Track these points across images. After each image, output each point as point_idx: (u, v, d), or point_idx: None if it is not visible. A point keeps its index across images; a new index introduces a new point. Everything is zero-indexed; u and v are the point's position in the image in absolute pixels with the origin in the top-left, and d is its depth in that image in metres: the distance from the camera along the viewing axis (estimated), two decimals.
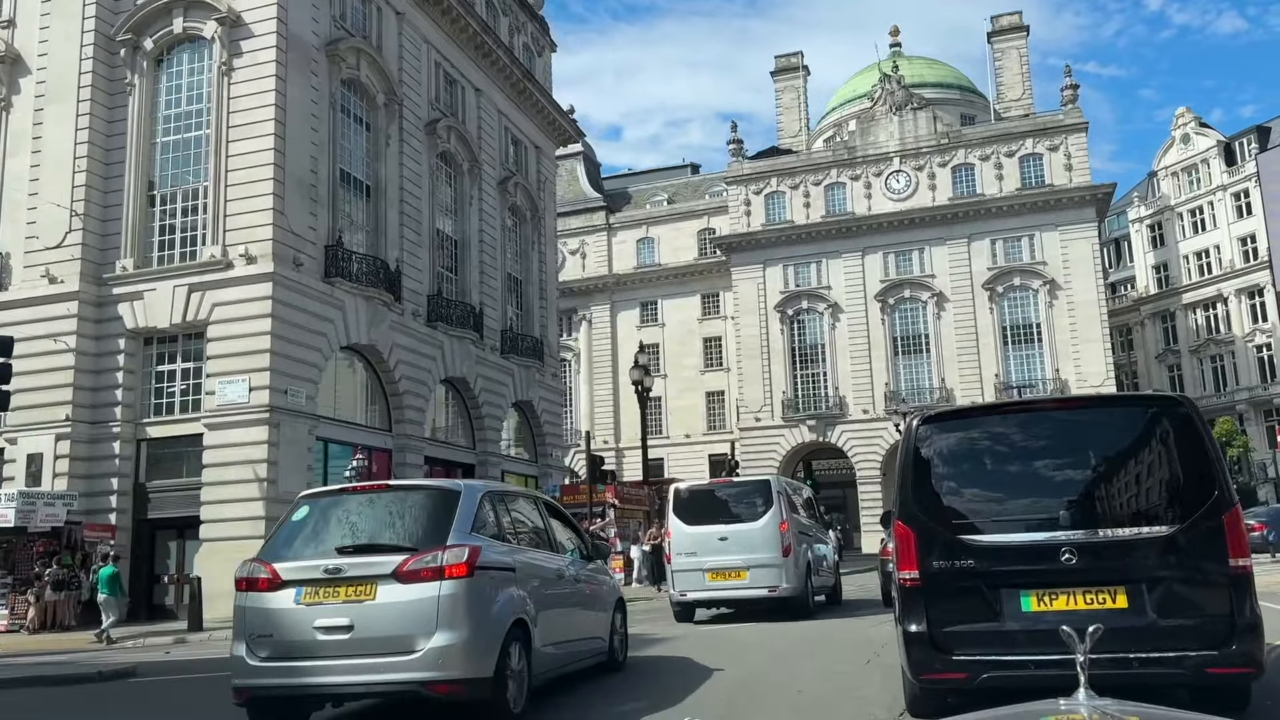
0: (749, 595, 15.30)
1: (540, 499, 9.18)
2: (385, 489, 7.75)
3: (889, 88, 54.23)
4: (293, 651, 6.37)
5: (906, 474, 6.00)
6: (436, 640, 6.15)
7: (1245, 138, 57.96)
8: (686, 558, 15.34)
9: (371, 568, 6.37)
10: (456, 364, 29.81)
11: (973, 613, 5.61)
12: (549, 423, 36.65)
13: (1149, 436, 5.81)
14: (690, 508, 15.82)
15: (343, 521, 6.95)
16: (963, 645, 5.59)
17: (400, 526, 6.88)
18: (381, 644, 6.20)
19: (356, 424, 25.85)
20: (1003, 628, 5.53)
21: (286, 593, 6.42)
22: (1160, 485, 5.70)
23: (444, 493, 7.04)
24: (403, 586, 6.26)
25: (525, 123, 36.68)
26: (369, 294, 25.33)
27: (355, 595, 6.29)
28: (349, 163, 26.39)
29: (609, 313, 61.91)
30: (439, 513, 6.76)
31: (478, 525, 6.82)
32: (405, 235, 27.83)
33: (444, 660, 6.15)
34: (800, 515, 16.34)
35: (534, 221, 36.77)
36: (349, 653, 6.23)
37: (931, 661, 5.65)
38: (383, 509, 7.12)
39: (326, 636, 6.26)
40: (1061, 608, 5.43)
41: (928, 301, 51.79)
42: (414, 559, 6.32)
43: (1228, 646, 5.19)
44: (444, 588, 6.23)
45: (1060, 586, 5.47)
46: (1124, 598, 5.38)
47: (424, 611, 6.20)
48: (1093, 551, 5.43)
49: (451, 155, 31.24)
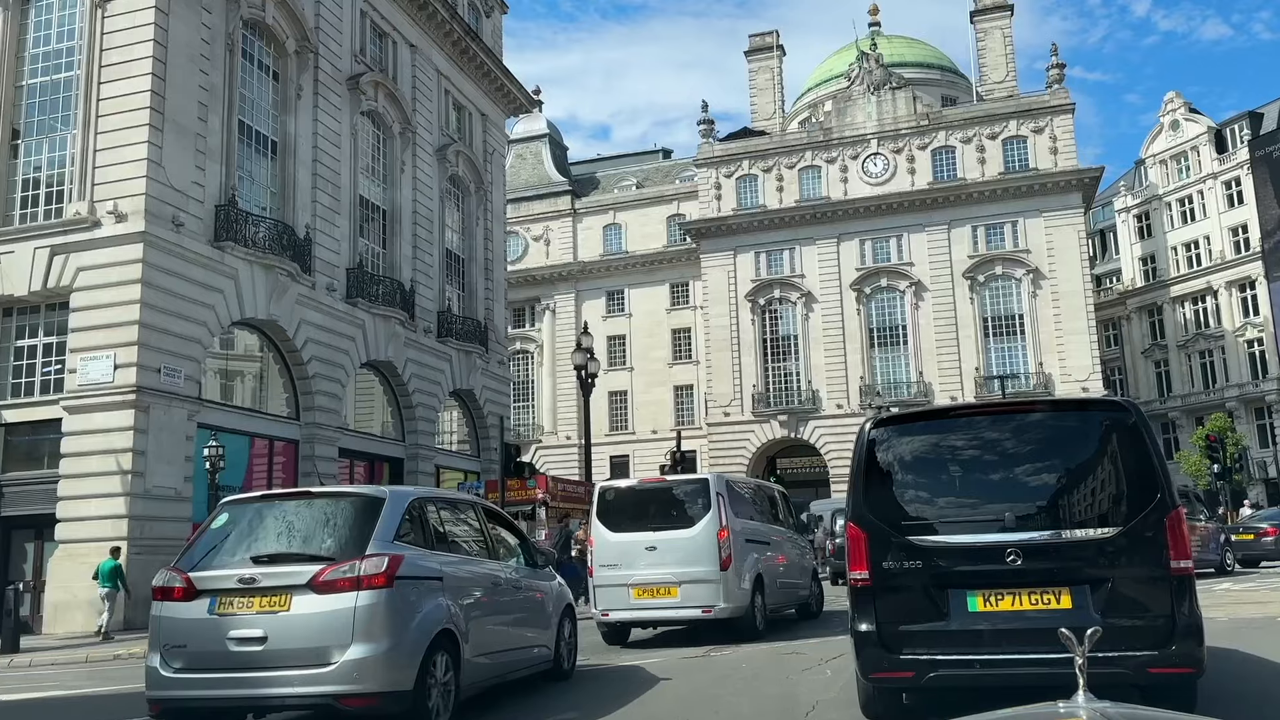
0: (679, 615, 12.99)
1: (480, 504, 8.82)
2: (309, 496, 7.48)
3: (867, 66, 51.57)
4: (206, 663, 6.30)
5: (858, 476, 6.09)
6: (352, 652, 6.08)
7: (1237, 123, 55.62)
8: (610, 570, 12.94)
9: (286, 578, 6.28)
10: (381, 346, 26.79)
11: (920, 612, 5.69)
12: (494, 414, 33.64)
13: (1095, 440, 5.94)
14: (616, 511, 13.39)
15: (263, 529, 6.87)
16: (910, 644, 5.66)
17: (320, 535, 6.75)
18: (296, 656, 6.14)
19: (253, 410, 22.80)
20: (949, 627, 5.61)
21: (200, 603, 6.36)
22: (1105, 488, 5.83)
23: (368, 500, 6.89)
24: (318, 597, 6.19)
25: (470, 87, 33.67)
26: (268, 262, 22.28)
27: (269, 606, 6.23)
28: (251, 115, 23.34)
29: (574, 302, 59.05)
30: (361, 521, 6.64)
31: (403, 533, 6.71)
32: (319, 199, 24.78)
33: (359, 673, 6.08)
34: (754, 519, 13.98)
35: (479, 195, 33.77)
36: (263, 665, 6.16)
37: (880, 660, 5.71)
38: (305, 517, 6.97)
39: (240, 648, 6.19)
40: (1007, 608, 5.53)
41: (905, 291, 49.20)
42: (330, 569, 6.24)
43: (1168, 647, 5.31)
44: (361, 598, 6.16)
45: (1006, 587, 5.56)
46: (1068, 598, 5.48)
47: (340, 623, 6.12)
48: (1038, 553, 5.53)
49: (379, 115, 28.21)
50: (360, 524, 6.61)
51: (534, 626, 8.42)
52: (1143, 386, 57.98)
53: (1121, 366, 59.10)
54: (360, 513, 6.73)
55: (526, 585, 8.41)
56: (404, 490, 7.61)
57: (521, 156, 65.09)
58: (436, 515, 7.40)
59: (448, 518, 7.72)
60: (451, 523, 7.79)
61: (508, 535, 8.79)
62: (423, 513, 7.15)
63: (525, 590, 8.36)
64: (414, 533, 6.88)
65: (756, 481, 19.48)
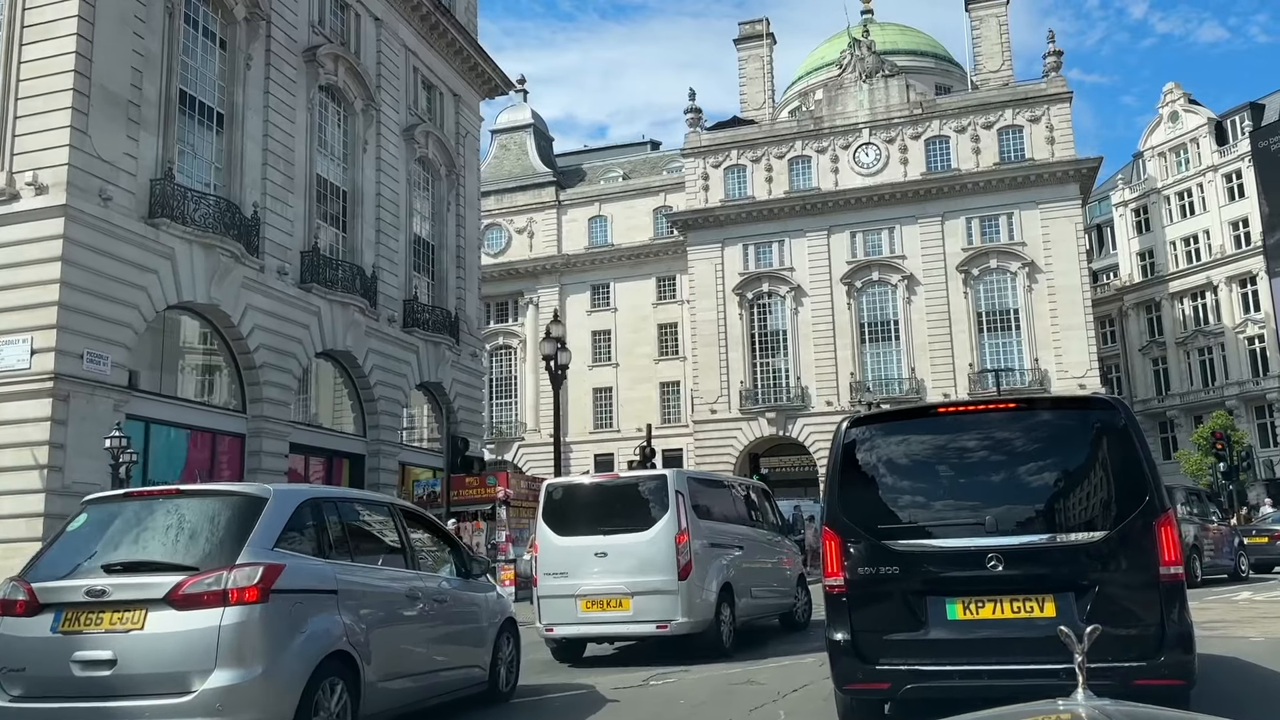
0: (631, 631, 11.54)
1: (398, 505, 7.86)
2: (179, 494, 6.61)
3: (859, 54, 50.09)
4: (47, 690, 5.49)
5: (834, 478, 5.89)
6: (216, 679, 5.27)
7: (1238, 115, 54.24)
8: (556, 579, 11.51)
9: (141, 590, 5.48)
10: (339, 335, 25.16)
11: (897, 621, 5.48)
12: (465, 409, 32.03)
13: (1081, 440, 5.69)
14: (563, 512, 11.95)
15: (124, 533, 6.04)
16: (886, 654, 5.46)
17: (187, 541, 5.91)
18: (150, 683, 5.31)
19: (193, 402, 21.14)
20: (927, 636, 5.39)
21: (44, 618, 5.55)
22: (1091, 490, 5.61)
23: (247, 500, 6.08)
24: (177, 614, 5.38)
25: (440, 65, 32.05)
26: (209, 241, 20.64)
27: (120, 623, 5.42)
28: (194, 84, 21.69)
29: (557, 296, 57.42)
30: (236, 524, 5.84)
31: (289, 538, 5.94)
32: (269, 177, 23.13)
33: (224, 703, 5.25)
34: (725, 520, 12.52)
35: (451, 179, 32.14)
36: (111, 693, 5.32)
37: (855, 671, 5.52)
38: (174, 519, 6.08)
39: (85, 672, 5.36)
40: (988, 616, 5.32)
41: (897, 285, 47.73)
42: (192, 580, 5.45)
43: (1156, 657, 5.06)
44: (228, 615, 5.37)
45: (987, 594, 5.33)
46: (1052, 606, 5.23)
47: (202, 644, 5.31)
48: (1020, 558, 5.31)
49: (340, 91, 26.57)
50: (235, 528, 5.84)
51: (463, 643, 7.61)
52: (1140, 385, 56.58)
53: (1119, 364, 57.68)
54: (237, 515, 5.95)
55: (454, 597, 7.56)
56: (294, 489, 6.88)
57: (505, 147, 63.49)
58: (337, 518, 6.63)
59: (352, 521, 6.93)
60: (357, 527, 7.00)
61: (433, 541, 8.02)
62: (317, 515, 6.38)
63: (453, 603, 7.52)
64: (304, 539, 6.15)
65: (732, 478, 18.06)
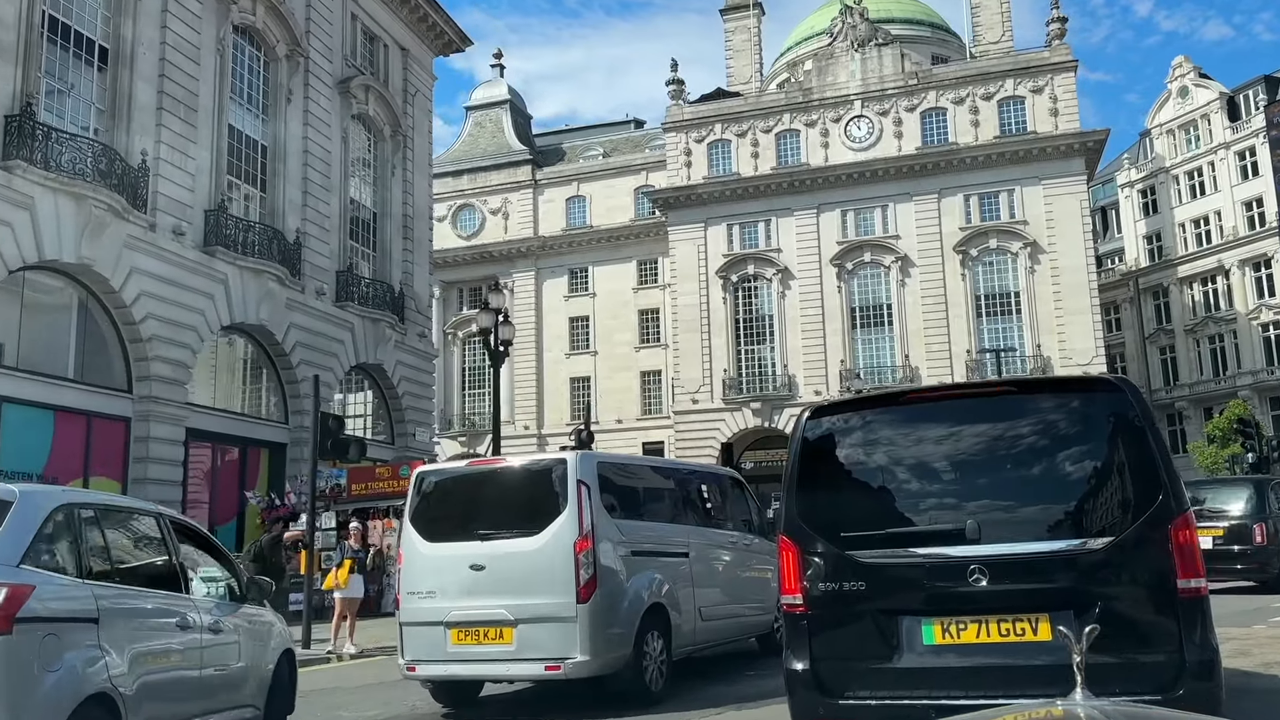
0: (513, 672, 8.66)
1: (165, 516, 6.50)
2: None
3: (850, 21, 47.08)
4: None
5: (791, 478, 5.02)
6: None
7: (1251, 89, 51.26)
8: (422, 600, 8.61)
9: None
10: (250, 307, 22.17)
11: (864, 647, 4.69)
12: (411, 394, 29.11)
13: (1081, 429, 4.76)
14: (435, 510, 9.03)
15: None
16: (852, 686, 4.68)
17: None
18: None
19: (62, 379, 18.13)
20: (899, 665, 4.62)
21: None
22: (1093, 488, 4.71)
23: None
24: None
25: (386, 15, 29.04)
26: (79, 191, 17.64)
27: None
28: (68, 12, 18.71)
29: (533, 280, 54.52)
30: None
31: (37, 554, 5.00)
32: (165, 123, 20.13)
33: None
34: (660, 519, 9.73)
35: (396, 140, 29.14)
36: None
37: (815, 707, 4.76)
38: None
39: None
40: (970, 640, 4.50)
41: (891, 266, 44.78)
42: None
43: (1174, 690, 4.06)
44: None
45: (969, 614, 4.49)
46: (1046, 628, 4.37)
47: None
48: (1009, 571, 4.46)
49: (259, 33, 23.57)
50: None
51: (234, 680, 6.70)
52: (1147, 374, 53.67)
53: (1124, 353, 54.77)
54: None
55: (227, 626, 6.63)
56: (46, 490, 6.20)
57: (480, 124, 60.48)
58: (97, 529, 5.71)
59: (113, 534, 5.97)
60: (119, 541, 6.06)
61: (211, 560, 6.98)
62: (75, 525, 5.45)
63: (225, 632, 6.60)
64: (58, 553, 5.28)
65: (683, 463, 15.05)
